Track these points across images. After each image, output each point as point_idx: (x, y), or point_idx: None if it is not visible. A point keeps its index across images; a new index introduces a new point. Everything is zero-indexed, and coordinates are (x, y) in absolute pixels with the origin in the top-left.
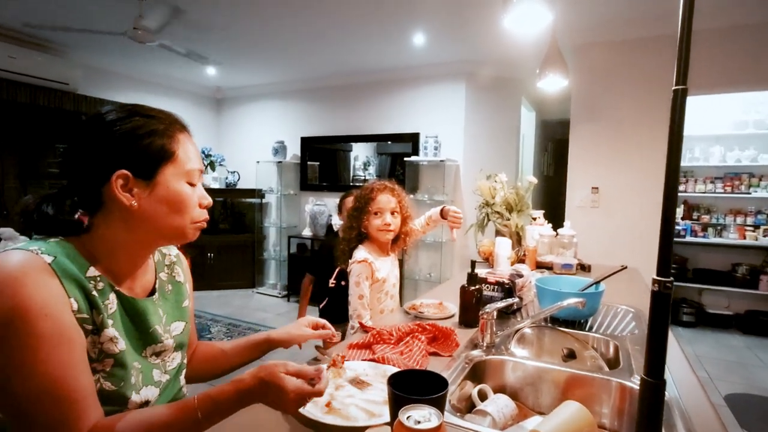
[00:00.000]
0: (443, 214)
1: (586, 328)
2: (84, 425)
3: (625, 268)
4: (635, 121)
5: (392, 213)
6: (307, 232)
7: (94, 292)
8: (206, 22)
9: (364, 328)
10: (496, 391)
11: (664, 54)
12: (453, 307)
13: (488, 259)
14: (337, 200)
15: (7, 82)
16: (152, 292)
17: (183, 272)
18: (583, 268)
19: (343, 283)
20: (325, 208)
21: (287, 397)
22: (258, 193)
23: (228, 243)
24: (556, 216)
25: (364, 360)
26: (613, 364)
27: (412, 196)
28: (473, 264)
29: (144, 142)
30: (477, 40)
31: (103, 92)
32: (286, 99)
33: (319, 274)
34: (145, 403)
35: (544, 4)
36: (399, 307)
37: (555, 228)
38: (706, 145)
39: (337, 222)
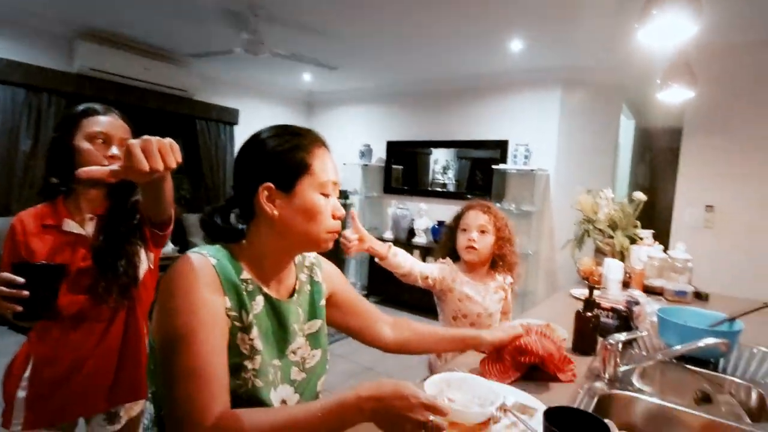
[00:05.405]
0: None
1: (719, 369)
2: (215, 407)
3: None
4: (765, 133)
5: (481, 231)
6: (388, 235)
7: (245, 294)
8: (310, 28)
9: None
10: (620, 428)
11: None
12: (563, 330)
13: (588, 279)
14: (418, 204)
15: (141, 90)
16: (293, 293)
17: (321, 272)
18: (699, 296)
19: None
20: (408, 212)
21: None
22: (343, 194)
23: None
24: (655, 233)
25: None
26: (756, 415)
27: (498, 204)
28: (591, 289)
29: (287, 156)
30: (578, 46)
31: (212, 98)
32: (375, 103)
33: None
34: (282, 402)
35: (690, 16)
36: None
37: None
38: None
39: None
